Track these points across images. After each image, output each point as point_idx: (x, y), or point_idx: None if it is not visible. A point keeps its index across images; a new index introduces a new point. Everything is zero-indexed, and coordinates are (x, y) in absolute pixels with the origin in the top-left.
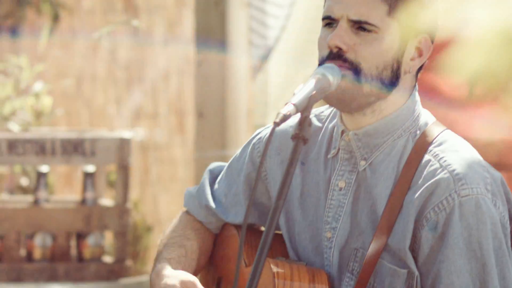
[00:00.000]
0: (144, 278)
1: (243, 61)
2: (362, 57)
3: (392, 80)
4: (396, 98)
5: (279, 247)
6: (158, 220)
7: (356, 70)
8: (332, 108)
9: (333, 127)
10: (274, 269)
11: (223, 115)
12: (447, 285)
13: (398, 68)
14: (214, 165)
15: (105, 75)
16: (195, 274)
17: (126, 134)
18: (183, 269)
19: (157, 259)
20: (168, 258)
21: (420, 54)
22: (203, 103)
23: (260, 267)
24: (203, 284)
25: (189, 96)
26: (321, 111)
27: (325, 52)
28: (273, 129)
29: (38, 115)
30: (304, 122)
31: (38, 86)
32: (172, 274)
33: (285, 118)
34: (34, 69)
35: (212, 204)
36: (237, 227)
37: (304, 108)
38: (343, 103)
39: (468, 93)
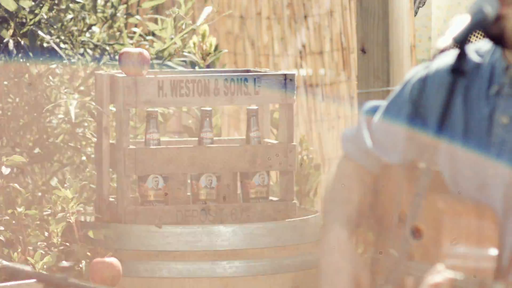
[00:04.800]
0: (311, 217)
1: None
2: None
3: None
4: None
5: (442, 185)
6: (324, 158)
7: None
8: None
9: (494, 62)
10: (441, 205)
11: (386, 51)
12: None
13: None
14: (369, 105)
15: (268, 14)
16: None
17: (289, 72)
18: (351, 229)
19: (325, 222)
20: (335, 221)
21: None
22: (365, 39)
23: (420, 203)
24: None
25: (352, 33)
26: (480, 46)
27: None
28: (429, 64)
29: (204, 55)
30: (461, 55)
31: (203, 25)
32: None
33: (442, 51)
34: (203, 10)
35: (372, 147)
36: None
37: (461, 41)
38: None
39: None
